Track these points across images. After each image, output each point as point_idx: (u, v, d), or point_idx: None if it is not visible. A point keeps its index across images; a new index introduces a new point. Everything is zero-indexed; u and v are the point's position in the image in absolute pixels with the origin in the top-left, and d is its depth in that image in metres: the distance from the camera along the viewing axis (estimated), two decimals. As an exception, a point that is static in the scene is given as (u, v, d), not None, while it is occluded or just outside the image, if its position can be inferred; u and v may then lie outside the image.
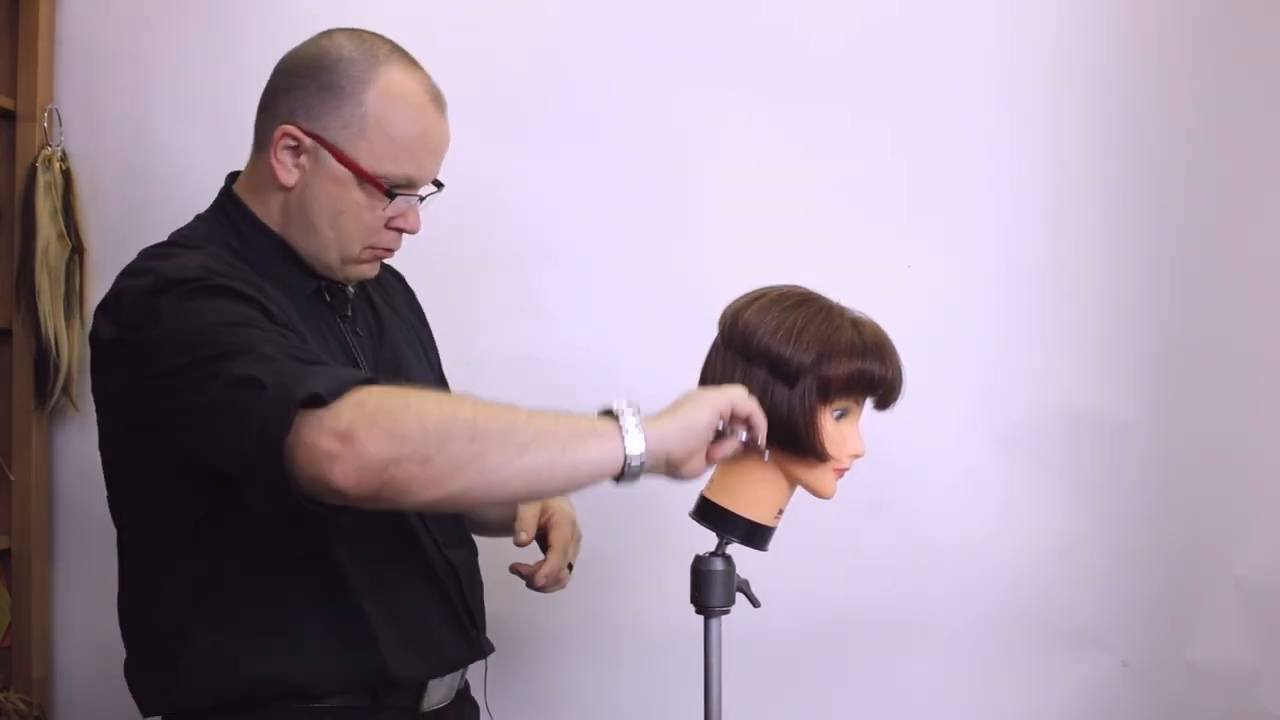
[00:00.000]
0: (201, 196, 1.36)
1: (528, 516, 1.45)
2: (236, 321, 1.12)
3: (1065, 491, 1.86)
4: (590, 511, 1.55)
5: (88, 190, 2.02)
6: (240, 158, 1.34)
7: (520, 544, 1.42)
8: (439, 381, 1.51)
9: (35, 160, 1.99)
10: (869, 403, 1.27)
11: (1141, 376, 1.85)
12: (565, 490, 1.17)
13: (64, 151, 2.02)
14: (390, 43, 1.29)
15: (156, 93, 2.02)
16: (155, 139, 2.02)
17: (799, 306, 1.24)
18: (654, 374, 1.31)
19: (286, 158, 1.25)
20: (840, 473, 1.25)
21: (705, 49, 1.90)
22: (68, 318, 2.00)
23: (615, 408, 1.09)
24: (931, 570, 1.86)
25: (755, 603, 1.31)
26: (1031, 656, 1.86)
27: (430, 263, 1.89)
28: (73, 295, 2.01)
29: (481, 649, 1.39)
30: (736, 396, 1.15)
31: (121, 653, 1.30)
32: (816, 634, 1.86)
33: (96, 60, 2.04)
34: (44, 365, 1.98)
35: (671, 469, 1.12)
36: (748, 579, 1.32)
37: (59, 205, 2.00)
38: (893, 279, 1.87)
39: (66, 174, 2.01)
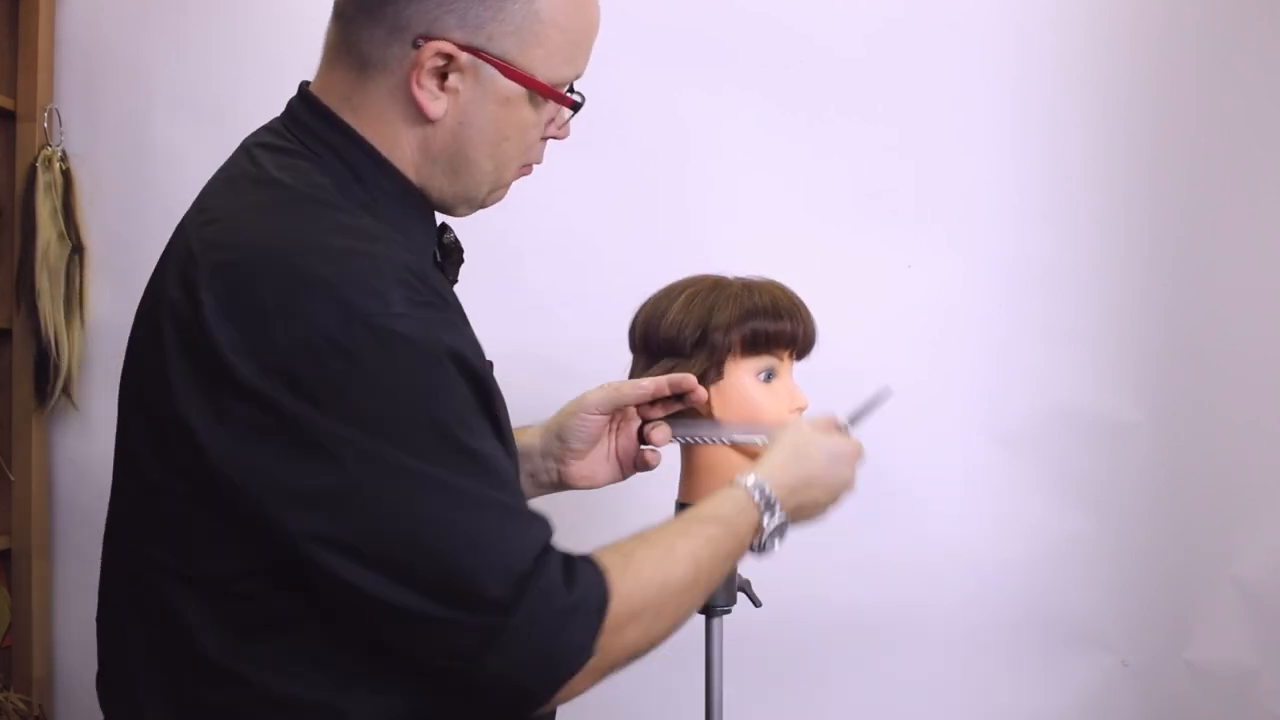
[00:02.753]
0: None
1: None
2: (456, 445, 0.87)
3: (1065, 491, 1.86)
4: (591, 512, 1.54)
5: (88, 190, 2.02)
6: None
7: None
8: None
9: (35, 160, 1.99)
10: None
11: (1141, 376, 1.85)
12: None
13: (64, 151, 2.02)
14: None
15: (156, 93, 2.02)
16: (155, 139, 2.02)
17: (686, 291, 1.26)
18: (654, 374, 1.31)
19: (432, 83, 0.96)
20: None
21: (708, 48, 1.90)
22: (68, 318, 2.00)
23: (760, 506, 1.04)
24: (931, 570, 1.86)
25: (756, 602, 1.31)
26: (1032, 656, 1.86)
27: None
28: (73, 295, 2.01)
29: None
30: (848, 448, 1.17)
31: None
32: (817, 633, 1.86)
33: (96, 60, 2.04)
34: (44, 365, 1.98)
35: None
36: (749, 579, 1.32)
37: (59, 205, 1.99)
38: (893, 279, 1.87)
39: (66, 174, 2.01)
